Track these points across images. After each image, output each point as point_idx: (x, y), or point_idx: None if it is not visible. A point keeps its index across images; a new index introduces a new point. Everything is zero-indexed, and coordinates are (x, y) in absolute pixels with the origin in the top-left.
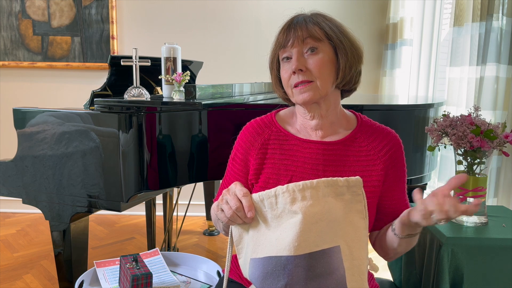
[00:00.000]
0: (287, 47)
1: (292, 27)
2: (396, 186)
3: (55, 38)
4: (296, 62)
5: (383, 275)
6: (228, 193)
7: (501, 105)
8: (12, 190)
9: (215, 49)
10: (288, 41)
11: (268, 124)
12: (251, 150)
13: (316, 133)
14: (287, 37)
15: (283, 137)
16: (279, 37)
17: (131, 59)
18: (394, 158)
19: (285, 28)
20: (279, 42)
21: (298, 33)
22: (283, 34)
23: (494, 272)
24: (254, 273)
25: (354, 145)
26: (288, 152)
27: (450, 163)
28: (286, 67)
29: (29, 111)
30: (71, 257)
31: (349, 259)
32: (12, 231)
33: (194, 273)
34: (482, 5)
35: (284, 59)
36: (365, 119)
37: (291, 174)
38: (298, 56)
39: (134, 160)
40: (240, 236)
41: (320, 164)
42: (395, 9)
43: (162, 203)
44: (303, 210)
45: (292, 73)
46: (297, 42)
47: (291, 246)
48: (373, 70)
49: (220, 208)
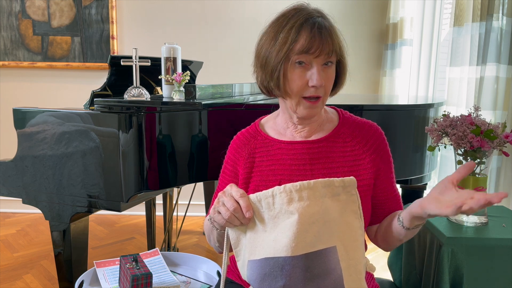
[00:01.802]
0: (310, 54)
1: (317, 36)
2: (387, 178)
3: (55, 38)
4: (319, 76)
5: (383, 275)
6: (224, 195)
7: (501, 105)
8: (12, 190)
9: (215, 49)
10: (315, 49)
11: (253, 134)
12: (239, 161)
13: (301, 134)
14: (314, 44)
15: (268, 143)
16: (300, 39)
17: (131, 59)
18: (379, 150)
19: (308, 29)
20: (302, 45)
21: (327, 45)
22: (306, 37)
23: (494, 272)
24: (252, 274)
25: (338, 141)
26: (274, 157)
27: (450, 163)
28: (300, 72)
29: (29, 111)
30: (71, 257)
31: (346, 259)
32: (12, 231)
33: (194, 273)
34: (482, 5)
35: (297, 63)
36: (346, 115)
37: (279, 178)
38: (320, 70)
39: (134, 160)
40: (237, 239)
41: (306, 163)
42: (395, 9)
43: (162, 203)
44: (299, 211)
45: (312, 86)
46: (323, 55)
47: (288, 247)
48: (373, 70)
49: (217, 211)
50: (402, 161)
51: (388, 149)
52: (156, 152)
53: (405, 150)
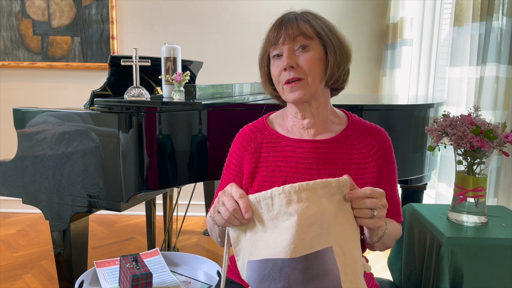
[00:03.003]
0: (278, 44)
1: (283, 25)
2: (388, 184)
3: (55, 38)
4: (287, 59)
5: (383, 275)
6: (224, 194)
7: (501, 105)
8: (12, 190)
9: (215, 49)
10: (279, 38)
11: (260, 128)
12: (245, 155)
13: (308, 132)
14: (278, 34)
15: (276, 139)
16: (270, 34)
17: (131, 59)
18: (385, 156)
19: (276, 25)
20: (270, 39)
21: (289, 30)
22: (273, 31)
23: (494, 272)
24: (251, 275)
25: (346, 142)
26: (281, 154)
27: (450, 163)
28: (277, 63)
29: (29, 111)
30: (71, 257)
31: (342, 259)
32: (12, 231)
33: (194, 273)
34: (482, 5)
35: (275, 56)
36: (355, 118)
37: (285, 175)
38: (289, 53)
39: (134, 160)
40: (237, 238)
41: (313, 162)
42: (395, 9)
43: (162, 203)
44: (298, 212)
45: (283, 69)
46: (288, 39)
47: (288, 248)
48: (373, 70)
49: (217, 210)
50: (402, 161)
51: (393, 156)
52: (156, 152)
53: (405, 150)
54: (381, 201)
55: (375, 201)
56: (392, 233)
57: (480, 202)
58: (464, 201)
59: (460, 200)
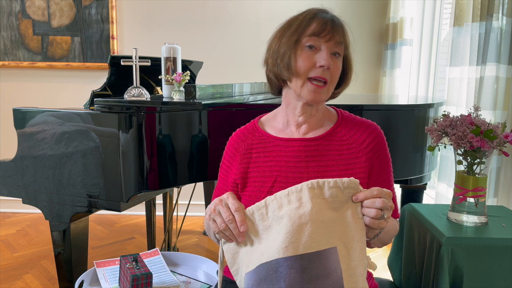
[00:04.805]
0: (320, 37)
1: (329, 23)
2: (382, 178)
3: (55, 38)
4: (328, 59)
5: (383, 275)
6: (221, 204)
7: (501, 105)
8: (12, 190)
9: (215, 49)
10: (326, 34)
11: (251, 130)
12: (236, 157)
13: (299, 130)
14: (325, 30)
15: (266, 140)
16: (313, 23)
17: (131, 59)
18: (377, 150)
19: (323, 19)
20: (313, 29)
21: (337, 35)
22: (319, 23)
23: (494, 272)
24: (248, 284)
25: (335, 139)
26: (271, 154)
27: (450, 163)
28: (310, 55)
29: (29, 111)
30: (71, 257)
31: (346, 260)
32: (12, 231)
33: (194, 273)
34: (482, 5)
35: (307, 47)
36: (345, 114)
37: (275, 174)
38: (329, 54)
39: (134, 160)
40: (233, 258)
41: (302, 161)
42: (395, 9)
43: (162, 203)
44: (288, 213)
45: (320, 66)
46: (333, 41)
47: (279, 248)
48: (373, 70)
49: (213, 219)
50: (402, 161)
51: (387, 149)
52: (156, 152)
53: (405, 150)
54: (389, 203)
55: (385, 201)
56: (390, 229)
57: (480, 202)
58: (464, 201)
59: (460, 200)
